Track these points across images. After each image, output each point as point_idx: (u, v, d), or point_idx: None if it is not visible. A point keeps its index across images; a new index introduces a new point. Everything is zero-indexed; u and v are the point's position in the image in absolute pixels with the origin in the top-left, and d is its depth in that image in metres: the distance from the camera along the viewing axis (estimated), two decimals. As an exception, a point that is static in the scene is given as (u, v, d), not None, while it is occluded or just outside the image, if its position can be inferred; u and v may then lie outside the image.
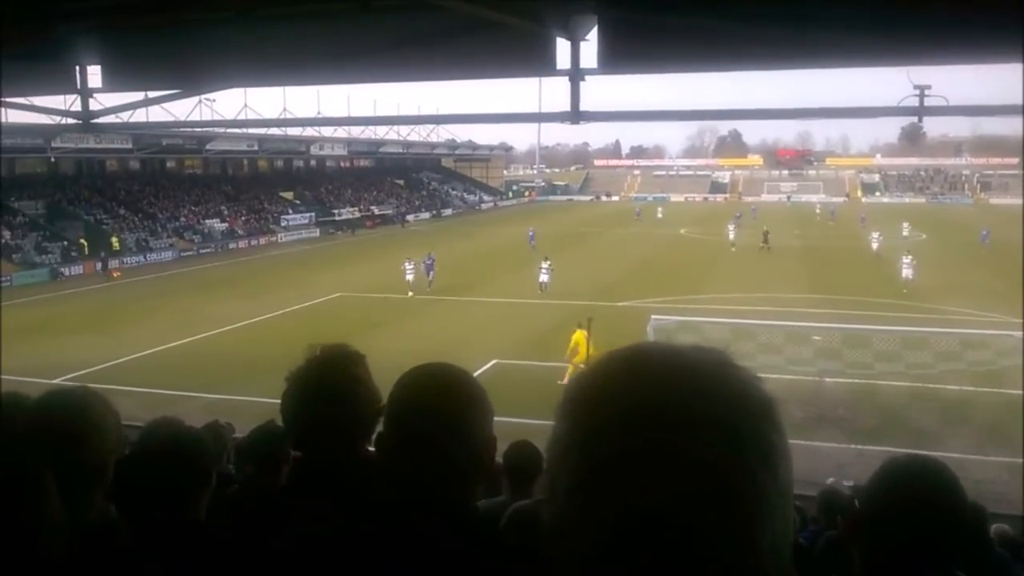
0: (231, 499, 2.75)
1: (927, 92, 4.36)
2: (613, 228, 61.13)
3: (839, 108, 5.11)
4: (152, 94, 5.72)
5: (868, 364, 17.26)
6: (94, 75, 5.24)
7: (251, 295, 31.87)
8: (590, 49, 4.08)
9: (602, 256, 43.16)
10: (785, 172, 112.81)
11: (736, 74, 4.67)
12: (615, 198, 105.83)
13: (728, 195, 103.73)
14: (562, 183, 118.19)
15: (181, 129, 50.08)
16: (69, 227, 47.01)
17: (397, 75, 4.85)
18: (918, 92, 4.36)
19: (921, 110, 4.40)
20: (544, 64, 4.23)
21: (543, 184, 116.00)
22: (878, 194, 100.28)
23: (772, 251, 42.00)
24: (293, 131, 64.57)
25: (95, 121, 5.77)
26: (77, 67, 5.24)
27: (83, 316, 28.97)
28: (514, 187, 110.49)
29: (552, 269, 30.87)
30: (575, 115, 4.49)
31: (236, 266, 43.31)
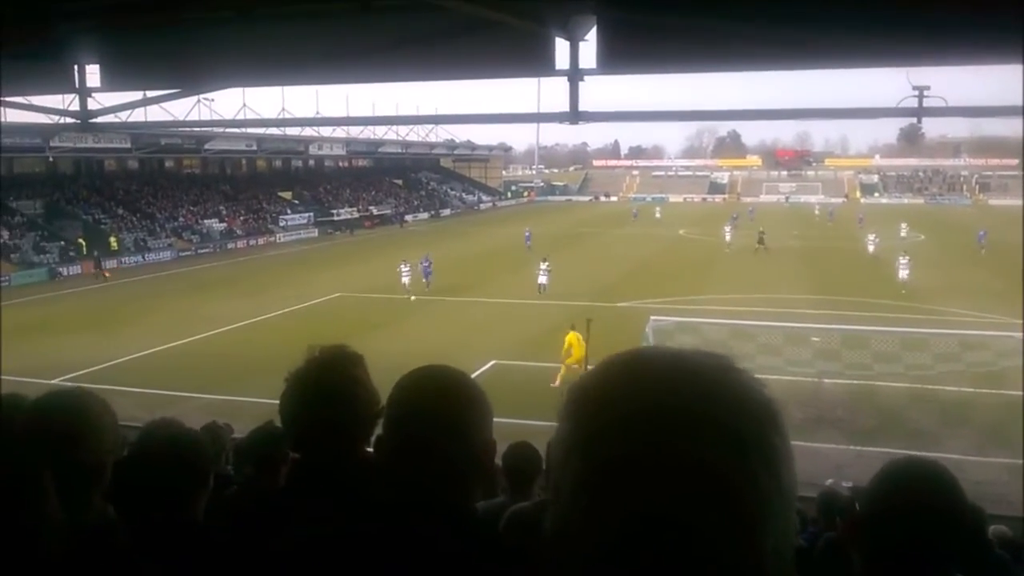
0: (230, 500, 2.75)
1: (926, 93, 4.37)
2: (612, 229, 61.15)
3: (838, 109, 5.13)
4: (151, 94, 5.72)
5: (867, 365, 17.26)
6: (93, 74, 5.24)
7: (250, 295, 31.84)
8: (589, 49, 4.09)
9: (601, 257, 43.14)
10: (784, 173, 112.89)
11: (735, 74, 4.68)
12: (614, 198, 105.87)
13: (727, 196, 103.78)
14: (561, 183, 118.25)
15: (180, 129, 50.06)
16: (67, 227, 46.98)
17: (397, 75, 4.85)
18: (917, 93, 4.37)
19: (920, 111, 4.41)
20: (543, 64, 4.23)
21: (542, 184, 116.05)
22: (877, 195, 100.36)
23: (770, 252, 41.98)
24: (292, 131, 64.60)
25: (93, 120, 5.77)
26: (76, 66, 5.24)
27: (81, 316, 28.94)
28: (513, 187, 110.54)
29: (550, 270, 30.85)
30: (574, 115, 4.49)
31: (234, 266, 43.28)
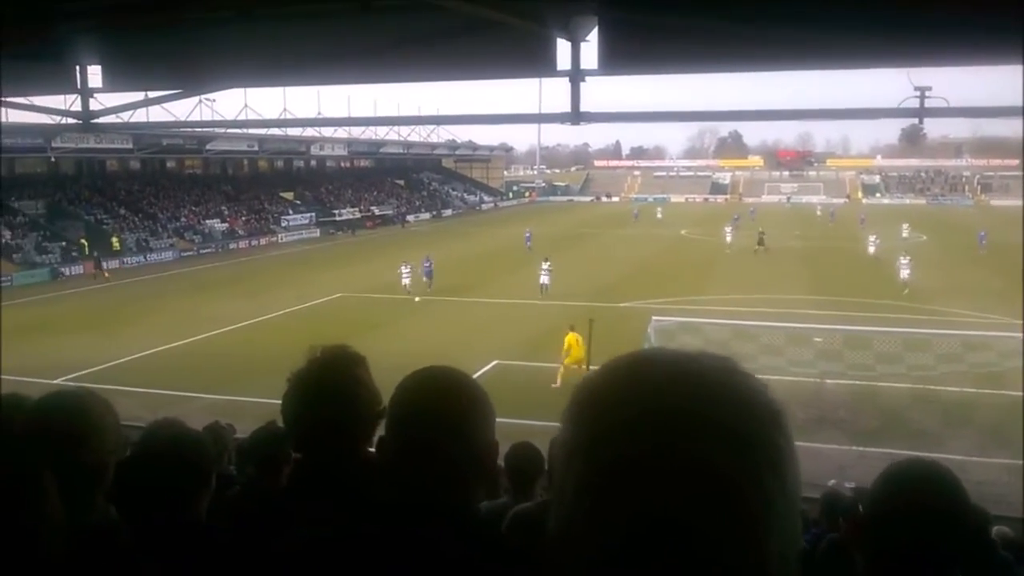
0: (232, 500, 2.74)
1: (928, 93, 4.37)
2: (613, 229, 61.13)
3: (840, 109, 5.12)
4: (152, 94, 5.72)
5: (869, 366, 17.23)
6: (94, 75, 5.24)
7: (251, 295, 31.85)
8: (591, 50, 4.08)
9: (602, 257, 43.14)
10: (786, 173, 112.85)
11: (737, 75, 4.68)
12: (615, 199, 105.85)
13: (728, 196, 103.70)
14: (562, 184, 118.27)
15: (181, 129, 50.12)
16: (69, 227, 47.01)
17: (398, 75, 4.85)
18: (919, 93, 4.36)
19: (922, 111, 4.41)
20: (545, 65, 4.23)
21: (543, 185, 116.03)
22: (878, 195, 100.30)
23: (772, 252, 41.97)
24: (293, 131, 64.69)
25: (95, 121, 5.77)
26: (77, 67, 5.24)
27: (84, 316, 28.96)
28: (514, 188, 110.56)
29: (551, 270, 30.84)
30: (576, 116, 4.49)
31: (236, 266, 43.31)
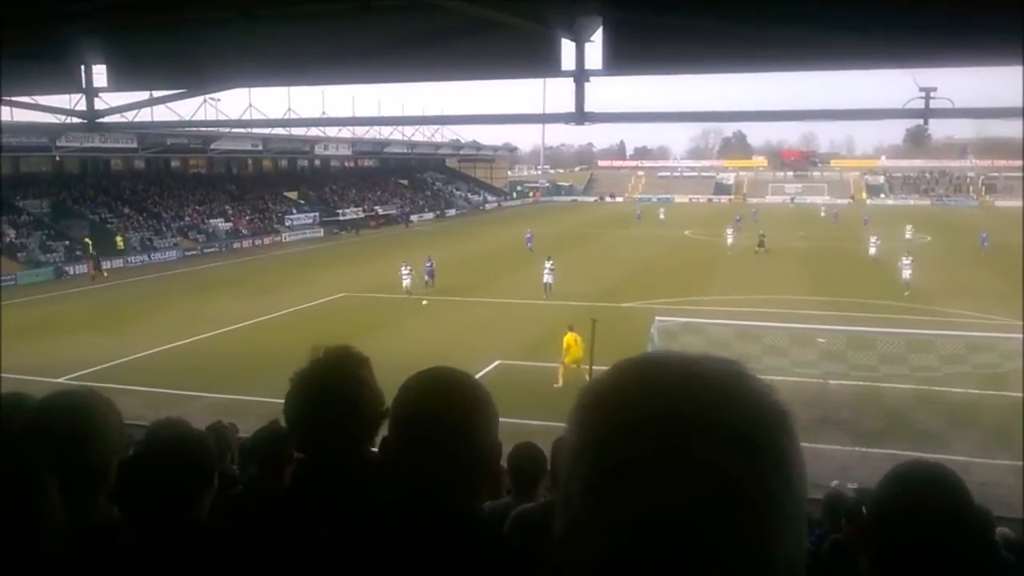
0: (235, 500, 2.75)
1: (932, 94, 4.36)
2: (616, 229, 61.12)
3: (844, 110, 5.13)
4: (157, 94, 5.73)
5: (873, 367, 17.19)
6: (99, 74, 5.25)
7: (255, 295, 31.90)
8: (595, 50, 4.07)
9: (605, 257, 43.15)
10: (789, 174, 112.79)
11: (741, 76, 4.68)
12: (619, 199, 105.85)
13: (732, 196, 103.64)
14: (566, 184, 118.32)
15: (186, 129, 50.17)
16: (74, 226, 47.12)
17: (400, 75, 4.85)
18: (923, 94, 4.36)
19: (926, 112, 4.40)
20: (549, 65, 4.23)
21: (547, 185, 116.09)
22: (883, 196, 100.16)
23: (775, 253, 41.93)
24: (297, 131, 64.84)
25: (100, 120, 5.78)
26: (82, 66, 5.25)
27: (87, 315, 29.01)
28: (518, 188, 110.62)
29: (554, 269, 30.84)
30: (580, 116, 4.48)
31: (240, 266, 43.37)
